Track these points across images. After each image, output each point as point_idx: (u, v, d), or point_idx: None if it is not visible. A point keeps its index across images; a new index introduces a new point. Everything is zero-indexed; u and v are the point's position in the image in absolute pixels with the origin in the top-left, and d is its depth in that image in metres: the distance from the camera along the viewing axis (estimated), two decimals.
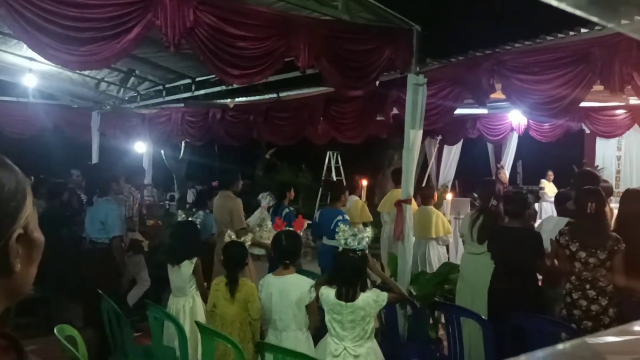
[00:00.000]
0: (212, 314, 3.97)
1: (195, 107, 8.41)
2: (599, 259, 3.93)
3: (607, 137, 9.32)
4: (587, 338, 1.28)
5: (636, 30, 3.24)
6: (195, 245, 4.69)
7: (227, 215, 6.05)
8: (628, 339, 1.29)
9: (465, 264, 5.15)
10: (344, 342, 3.32)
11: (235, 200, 6.14)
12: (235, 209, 6.05)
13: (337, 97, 6.40)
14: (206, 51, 4.09)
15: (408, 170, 5.20)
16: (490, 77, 4.82)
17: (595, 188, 4.42)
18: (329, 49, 4.61)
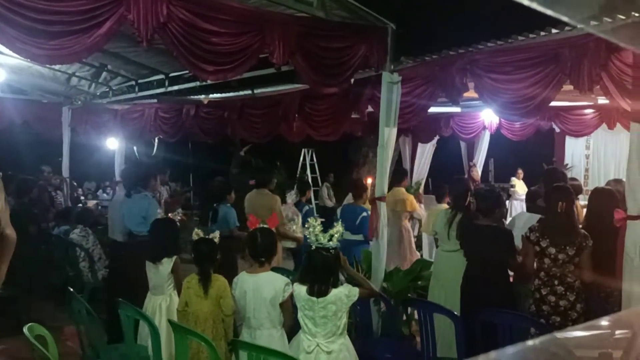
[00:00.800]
0: (184, 313, 3.93)
1: (169, 103, 8.31)
2: (568, 255, 4.02)
3: (576, 136, 9.53)
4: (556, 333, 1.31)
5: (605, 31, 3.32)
6: (175, 243, 4.63)
7: (267, 211, 6.02)
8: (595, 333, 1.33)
9: (439, 261, 5.20)
10: (316, 339, 3.33)
11: (275, 197, 6.40)
12: (276, 205, 6.26)
13: (312, 94, 6.40)
14: (180, 47, 4.04)
15: (382, 168, 5.24)
16: (463, 76, 4.87)
17: (564, 185, 4.52)
18: (304, 46, 4.60)
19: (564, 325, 3.98)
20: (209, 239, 4.13)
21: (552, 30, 4.27)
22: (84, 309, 4.00)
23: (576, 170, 10.26)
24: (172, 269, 4.51)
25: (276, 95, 7.13)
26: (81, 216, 7.19)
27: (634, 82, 3.83)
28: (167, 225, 4.72)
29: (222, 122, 7.81)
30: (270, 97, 7.22)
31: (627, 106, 3.94)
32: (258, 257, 3.74)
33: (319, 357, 3.31)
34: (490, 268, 4.38)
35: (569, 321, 3.99)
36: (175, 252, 4.56)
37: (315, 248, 3.40)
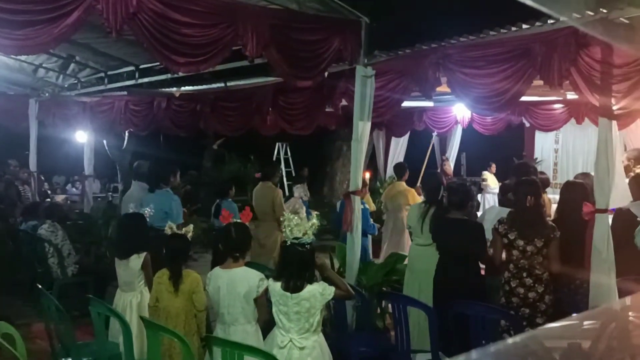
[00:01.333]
0: (155, 308, 3.88)
1: (139, 95, 8.17)
2: (536, 247, 4.09)
3: (545, 131, 9.70)
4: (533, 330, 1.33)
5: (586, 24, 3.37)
6: (144, 239, 4.57)
7: (269, 204, 6.42)
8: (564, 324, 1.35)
9: (414, 255, 5.23)
10: (290, 334, 3.32)
11: (277, 191, 6.66)
12: (276, 199, 6.50)
13: (286, 87, 6.36)
14: (150, 38, 3.97)
15: (356, 161, 5.24)
16: (436, 70, 4.90)
17: (532, 179, 4.59)
18: (278, 39, 4.57)
19: (534, 316, 4.06)
20: (181, 234, 4.07)
21: (523, 26, 4.32)
22: (54, 306, 3.91)
23: (545, 164, 10.45)
24: (142, 265, 4.44)
25: (250, 88, 7.07)
26: (49, 211, 7.03)
27: (603, 77, 3.91)
28: (135, 220, 4.65)
29: (194, 115, 7.71)
30: (244, 90, 7.16)
31: (596, 101, 4.01)
32: (232, 252, 3.70)
33: (291, 353, 3.30)
34: (461, 261, 4.43)
35: (538, 312, 4.07)
36: (145, 248, 4.49)
37: (290, 244, 3.38)
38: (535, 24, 4.23)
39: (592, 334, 1.31)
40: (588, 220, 4.04)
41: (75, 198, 13.63)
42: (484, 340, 3.73)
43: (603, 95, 3.93)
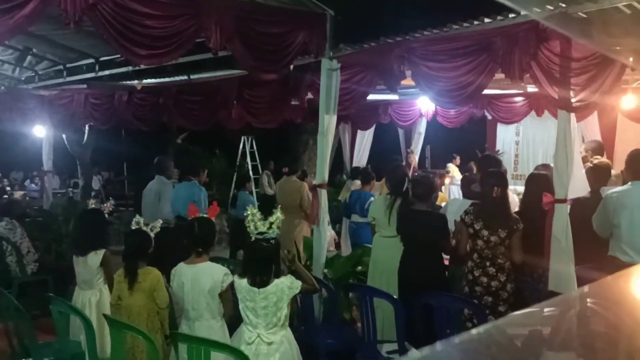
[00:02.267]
0: (118, 306, 3.81)
1: (100, 88, 7.97)
2: (500, 237, 4.18)
3: (506, 123, 9.91)
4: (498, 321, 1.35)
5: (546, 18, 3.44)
6: (102, 236, 4.47)
7: (297, 197, 6.85)
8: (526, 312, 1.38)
9: (378, 247, 5.27)
10: (257, 330, 3.31)
11: (302, 184, 7.06)
12: (303, 191, 6.87)
13: (251, 80, 6.31)
14: (110, 29, 3.87)
15: (323, 155, 5.25)
16: (400, 64, 4.94)
17: (498, 171, 4.68)
18: (242, 31, 4.52)
19: (496, 304, 4.15)
20: (141, 230, 3.99)
21: (485, 20, 4.39)
22: (13, 306, 3.80)
23: (507, 156, 10.68)
24: (101, 263, 4.34)
25: (214, 81, 6.98)
26: (7, 208, 6.82)
27: (562, 71, 4.01)
28: (93, 216, 4.54)
29: (157, 108, 7.57)
30: (208, 83, 7.07)
31: (555, 94, 4.11)
32: (195, 247, 3.66)
33: (259, 349, 3.29)
34: (425, 252, 4.49)
35: (500, 301, 4.16)
36: (103, 244, 4.39)
37: (254, 239, 3.36)
38: (497, 18, 4.30)
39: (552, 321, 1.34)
40: (548, 211, 4.15)
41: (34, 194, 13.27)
42: (448, 329, 3.80)
43: (562, 88, 4.03)
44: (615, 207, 4.15)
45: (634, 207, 4.10)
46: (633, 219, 4.09)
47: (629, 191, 4.19)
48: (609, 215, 4.19)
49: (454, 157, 11.79)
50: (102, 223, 4.55)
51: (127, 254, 3.84)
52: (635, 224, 4.09)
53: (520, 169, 10.71)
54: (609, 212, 4.19)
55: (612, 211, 4.16)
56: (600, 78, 3.95)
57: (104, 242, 4.44)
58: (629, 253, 4.06)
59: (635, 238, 4.08)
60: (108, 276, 4.31)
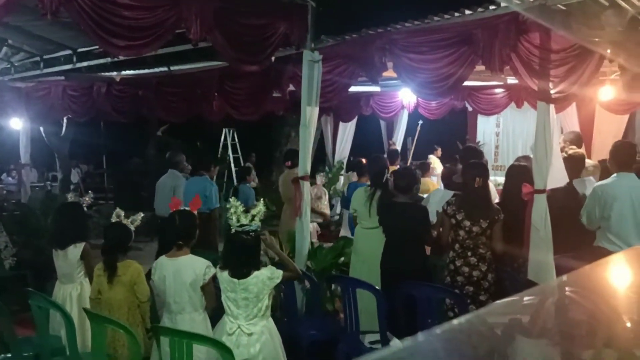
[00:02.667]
0: (98, 300, 3.77)
1: (78, 80, 7.84)
2: (481, 228, 4.23)
3: (487, 115, 10.00)
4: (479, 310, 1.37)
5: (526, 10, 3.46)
6: (81, 229, 4.42)
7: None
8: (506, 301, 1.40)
9: (360, 238, 5.29)
10: (238, 321, 3.33)
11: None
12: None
13: (232, 72, 6.26)
14: (88, 20, 3.81)
15: (305, 147, 5.24)
16: (382, 55, 4.94)
17: (480, 162, 4.73)
18: (222, 22, 4.48)
19: (477, 294, 4.20)
20: (121, 223, 3.95)
21: (466, 12, 4.41)
22: None
23: (487, 147, 10.77)
24: (81, 256, 4.29)
25: (194, 72, 6.92)
26: None
27: (541, 62, 4.05)
28: (72, 209, 4.48)
29: (136, 100, 7.48)
30: (188, 75, 6.99)
31: (534, 86, 4.16)
32: (175, 240, 3.65)
33: (240, 339, 3.30)
34: (407, 243, 4.52)
35: (481, 290, 4.21)
36: (83, 237, 4.34)
37: (234, 232, 3.37)
38: (478, 10, 4.32)
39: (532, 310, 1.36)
40: (528, 201, 4.20)
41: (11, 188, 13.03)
42: (430, 319, 3.84)
43: (541, 80, 4.08)
44: (605, 199, 4.22)
45: (623, 198, 4.18)
46: (622, 210, 4.17)
47: (616, 182, 4.27)
48: (600, 208, 4.25)
49: (435, 148, 11.86)
50: (81, 216, 4.50)
51: (106, 247, 3.80)
52: (624, 215, 4.17)
53: (501, 160, 10.83)
54: (600, 204, 4.25)
55: (603, 203, 4.23)
56: (579, 70, 4.00)
57: (84, 235, 4.39)
58: (617, 243, 4.12)
59: (623, 228, 4.16)
60: (88, 269, 4.26)
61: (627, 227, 4.17)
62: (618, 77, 5.71)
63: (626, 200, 4.18)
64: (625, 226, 4.17)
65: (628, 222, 4.18)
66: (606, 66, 5.01)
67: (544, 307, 1.41)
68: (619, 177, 4.30)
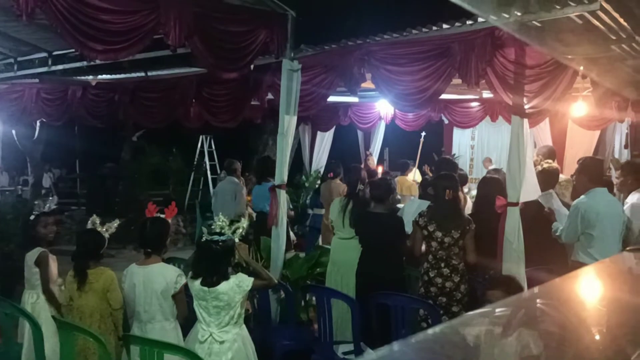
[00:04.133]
0: (70, 307, 3.69)
1: (53, 83, 7.71)
2: (453, 238, 4.27)
3: (462, 128, 10.14)
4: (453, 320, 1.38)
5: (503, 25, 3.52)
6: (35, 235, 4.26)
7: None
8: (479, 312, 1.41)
9: (336, 248, 5.29)
10: (210, 328, 3.30)
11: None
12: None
13: (211, 78, 6.23)
14: (65, 23, 3.75)
15: (282, 155, 5.23)
16: (361, 66, 4.98)
17: (450, 174, 4.77)
18: (202, 28, 4.46)
19: (450, 305, 4.23)
20: (94, 230, 3.88)
21: (444, 26, 4.47)
22: None
23: (462, 160, 10.91)
24: (36, 262, 4.14)
25: (172, 78, 6.87)
26: None
27: (516, 77, 4.12)
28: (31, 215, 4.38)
29: (112, 105, 7.38)
30: (166, 80, 6.94)
31: (509, 100, 4.23)
32: (144, 246, 3.60)
33: (211, 347, 3.27)
34: (383, 253, 4.54)
35: (454, 301, 4.24)
36: (38, 243, 4.21)
37: (204, 240, 3.36)
38: (455, 25, 4.39)
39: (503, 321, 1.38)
40: (501, 214, 4.25)
41: None
42: (404, 329, 3.85)
43: (516, 95, 4.15)
44: (589, 216, 4.27)
45: (605, 214, 4.25)
46: (604, 226, 4.24)
47: (596, 198, 4.33)
48: (584, 224, 4.30)
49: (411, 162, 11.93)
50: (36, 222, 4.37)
51: (77, 253, 3.73)
52: (606, 231, 4.24)
53: (475, 173, 10.97)
54: (584, 221, 4.29)
55: (587, 220, 4.28)
56: (553, 85, 4.09)
57: (38, 240, 4.24)
58: (598, 258, 4.13)
59: (606, 244, 4.22)
60: (42, 276, 4.12)
61: (609, 242, 4.23)
62: (590, 93, 5.85)
63: (606, 215, 4.26)
64: (607, 241, 4.23)
65: (609, 238, 4.25)
66: (579, 83, 5.13)
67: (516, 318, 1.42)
68: (595, 193, 4.36)
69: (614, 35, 3.72)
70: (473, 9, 1.14)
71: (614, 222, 4.30)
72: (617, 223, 4.32)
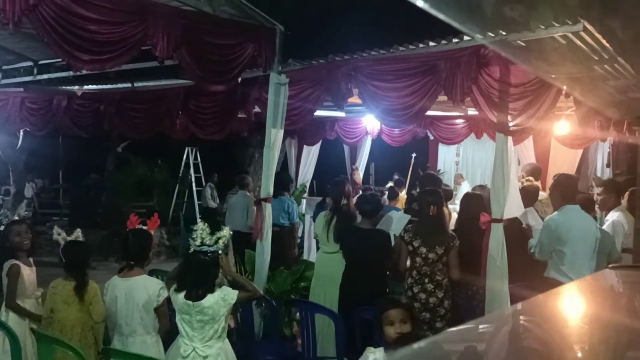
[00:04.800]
0: (50, 320, 3.62)
1: (38, 92, 7.65)
2: (437, 254, 4.28)
3: (448, 144, 10.22)
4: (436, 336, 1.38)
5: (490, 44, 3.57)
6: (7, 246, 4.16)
7: None
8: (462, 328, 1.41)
9: (320, 263, 5.28)
10: (193, 343, 3.25)
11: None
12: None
13: (198, 91, 6.22)
14: (52, 32, 3.74)
15: (268, 169, 5.23)
16: (348, 82, 5.01)
17: (434, 189, 4.80)
18: (190, 41, 4.47)
19: (433, 320, 4.23)
20: (79, 241, 3.82)
21: (430, 43, 4.53)
22: None
23: (447, 176, 10.99)
24: (7, 273, 4.03)
25: (159, 89, 6.84)
26: None
27: (500, 95, 4.18)
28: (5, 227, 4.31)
29: (98, 115, 7.32)
30: (153, 92, 6.91)
31: (494, 118, 4.28)
32: (126, 258, 3.56)
33: None
34: (368, 269, 4.52)
35: (437, 317, 4.25)
36: (14, 253, 4.10)
37: (193, 251, 3.32)
38: (441, 42, 4.44)
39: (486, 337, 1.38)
40: (485, 230, 4.28)
41: None
42: None
43: (500, 112, 4.20)
44: (560, 233, 4.28)
45: (576, 231, 4.26)
46: (575, 243, 4.25)
47: (567, 215, 4.34)
48: (554, 241, 4.30)
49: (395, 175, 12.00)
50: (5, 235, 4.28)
51: (72, 266, 3.67)
52: (577, 248, 4.25)
53: (460, 189, 11.03)
54: (554, 238, 4.31)
55: (557, 237, 4.29)
56: (537, 104, 4.14)
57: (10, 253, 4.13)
58: (570, 275, 4.16)
59: (577, 261, 4.23)
60: (8, 288, 4.00)
61: (580, 260, 4.24)
62: (573, 112, 5.94)
63: (578, 233, 4.27)
64: (578, 258, 4.24)
65: (581, 255, 4.26)
66: (562, 102, 5.21)
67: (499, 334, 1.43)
68: (567, 210, 4.37)
69: (597, 55, 3.79)
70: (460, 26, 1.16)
71: (586, 239, 4.28)
72: (590, 240, 4.29)
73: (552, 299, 1.69)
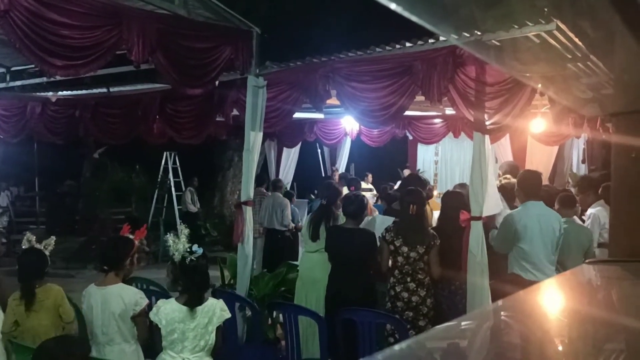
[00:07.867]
0: (13, 332, 3.54)
1: (10, 99, 7.51)
2: (419, 253, 4.31)
3: (426, 144, 10.31)
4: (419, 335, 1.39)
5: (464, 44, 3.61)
6: None
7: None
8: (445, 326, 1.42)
9: (304, 262, 5.27)
10: (182, 354, 3.20)
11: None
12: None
13: (174, 95, 6.17)
14: (24, 38, 3.67)
15: (248, 172, 5.21)
16: (326, 83, 5.02)
17: (415, 189, 4.82)
18: (166, 44, 4.43)
19: (416, 319, 4.25)
20: (36, 249, 3.74)
21: (407, 44, 4.56)
22: None
23: (427, 175, 11.05)
24: None
25: (135, 94, 6.77)
26: None
27: (477, 95, 4.23)
28: None
29: (73, 121, 7.22)
30: (128, 97, 6.84)
31: (470, 116, 4.32)
32: (102, 262, 3.52)
33: None
34: (354, 269, 4.53)
35: (420, 315, 4.27)
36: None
37: (189, 259, 3.30)
38: (418, 43, 4.48)
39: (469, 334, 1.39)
40: (464, 227, 4.32)
41: None
42: (371, 344, 3.85)
43: (477, 111, 4.25)
44: (516, 227, 4.28)
45: (533, 227, 4.26)
46: (533, 238, 4.25)
47: (526, 211, 4.34)
48: (511, 236, 4.31)
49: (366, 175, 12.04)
50: None
51: (22, 274, 3.61)
52: (535, 243, 4.25)
53: (439, 188, 11.13)
54: (510, 233, 4.31)
55: (513, 232, 4.29)
56: (512, 102, 4.20)
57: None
58: (531, 270, 4.21)
59: (535, 256, 4.24)
60: None
61: (538, 255, 4.24)
62: (548, 110, 6.03)
63: (535, 229, 4.25)
64: (536, 254, 4.24)
65: (539, 250, 4.25)
66: (537, 100, 5.29)
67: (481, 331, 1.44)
68: (527, 206, 4.36)
69: (570, 54, 3.86)
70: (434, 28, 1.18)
71: (545, 234, 4.26)
72: (549, 236, 4.27)
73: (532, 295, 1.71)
